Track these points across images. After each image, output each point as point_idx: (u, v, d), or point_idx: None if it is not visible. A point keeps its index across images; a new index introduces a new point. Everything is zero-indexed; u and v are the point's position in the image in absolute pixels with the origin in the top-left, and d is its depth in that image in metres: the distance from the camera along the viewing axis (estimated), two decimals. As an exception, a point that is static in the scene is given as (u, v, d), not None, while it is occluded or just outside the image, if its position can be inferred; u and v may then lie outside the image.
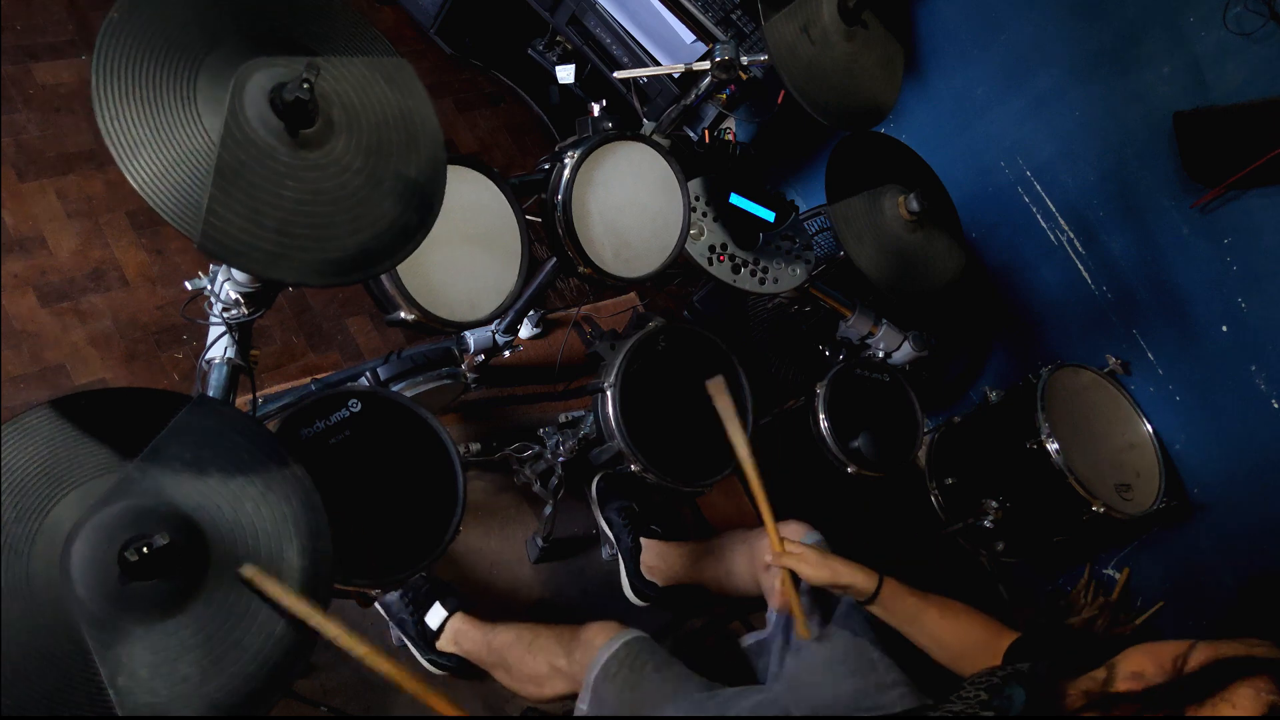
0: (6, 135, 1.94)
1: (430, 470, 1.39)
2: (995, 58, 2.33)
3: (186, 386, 1.89)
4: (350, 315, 2.18)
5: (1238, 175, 1.84)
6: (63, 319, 1.84)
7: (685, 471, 1.67)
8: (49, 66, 2.07)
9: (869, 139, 1.83)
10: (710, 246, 1.78)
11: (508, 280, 1.43)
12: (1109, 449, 2.10)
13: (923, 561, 2.28)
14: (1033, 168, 2.33)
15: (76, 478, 0.87)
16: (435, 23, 2.66)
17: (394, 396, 1.42)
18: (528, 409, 2.13)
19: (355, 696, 1.65)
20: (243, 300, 1.20)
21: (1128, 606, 2.29)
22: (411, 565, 1.32)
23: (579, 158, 1.50)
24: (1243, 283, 1.98)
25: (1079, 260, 2.29)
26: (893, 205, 1.76)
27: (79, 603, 0.82)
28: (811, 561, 1.36)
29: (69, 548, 0.83)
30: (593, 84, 2.60)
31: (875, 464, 1.85)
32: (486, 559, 1.92)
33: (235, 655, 0.87)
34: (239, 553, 0.92)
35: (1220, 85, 1.90)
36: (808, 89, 1.57)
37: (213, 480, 0.93)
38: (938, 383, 2.66)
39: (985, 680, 1.02)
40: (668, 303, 2.67)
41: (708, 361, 1.78)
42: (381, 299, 1.34)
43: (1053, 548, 2.18)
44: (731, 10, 2.40)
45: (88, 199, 1.97)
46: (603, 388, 1.65)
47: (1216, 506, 2.13)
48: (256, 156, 0.96)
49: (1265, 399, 1.98)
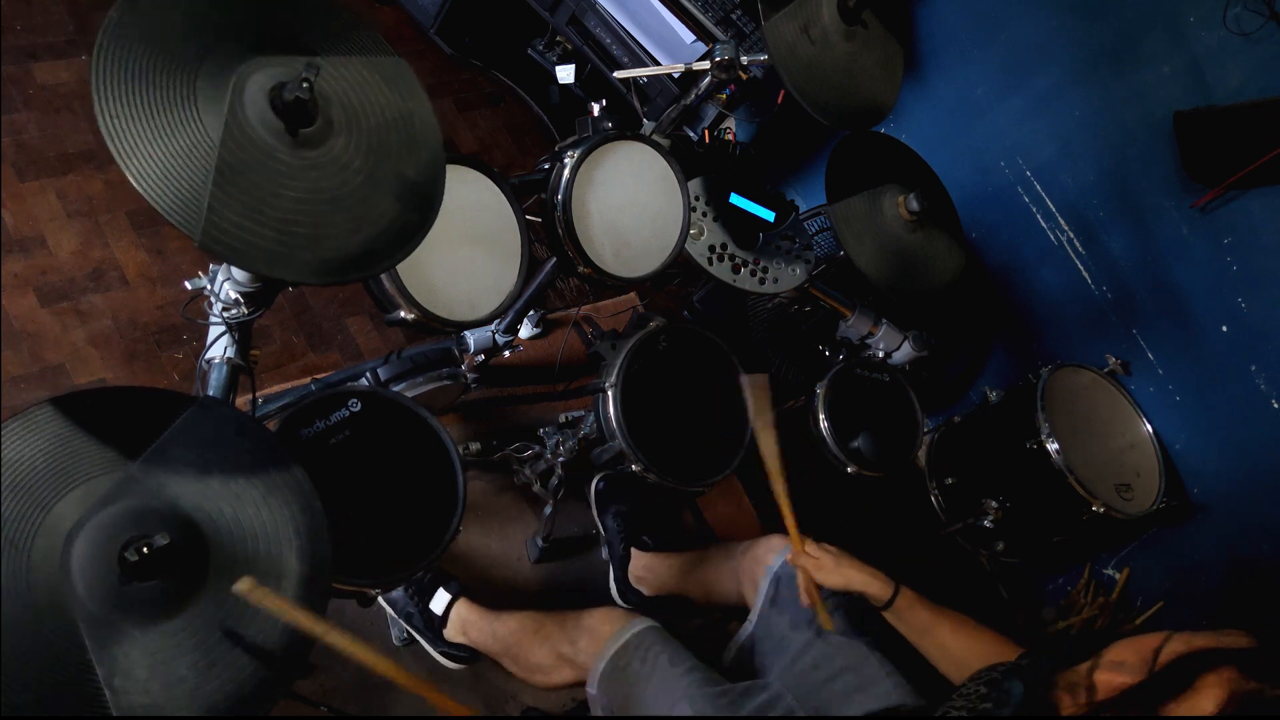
0: (6, 135, 1.94)
1: (430, 470, 1.39)
2: (995, 58, 2.33)
3: (186, 386, 1.89)
4: (350, 315, 2.18)
5: (1238, 175, 1.84)
6: (63, 319, 1.84)
7: (686, 471, 1.67)
8: (49, 66, 2.07)
9: (869, 139, 1.83)
10: (710, 246, 1.78)
11: (508, 280, 1.43)
12: (1109, 449, 2.09)
13: (920, 559, 2.28)
14: (1033, 168, 2.33)
15: (78, 476, 0.87)
16: (435, 23, 2.66)
17: (394, 396, 1.42)
18: (528, 409, 2.13)
19: (355, 696, 1.65)
20: (243, 300, 1.20)
21: (1128, 606, 2.29)
22: (411, 565, 1.32)
23: (579, 158, 1.50)
24: (1243, 283, 1.97)
25: (1079, 260, 2.29)
26: (893, 205, 1.76)
27: (78, 601, 0.82)
28: (827, 567, 1.38)
29: (69, 546, 0.83)
30: (593, 84, 2.60)
31: (875, 464, 1.85)
32: (486, 559, 1.92)
33: (233, 657, 0.87)
34: (239, 554, 0.91)
35: (1220, 85, 1.90)
36: (808, 89, 1.57)
37: (214, 481, 0.93)
38: (938, 383, 2.66)
39: (986, 675, 1.03)
40: (668, 303, 2.67)
41: (708, 361, 1.78)
42: (381, 299, 1.34)
43: (1053, 548, 2.17)
44: (731, 10, 2.40)
45: (88, 199, 1.97)
46: (604, 387, 1.65)
47: (1216, 506, 2.12)
48: (256, 156, 0.96)
49: (1265, 399, 1.98)
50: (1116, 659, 0.88)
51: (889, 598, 1.35)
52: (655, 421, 1.66)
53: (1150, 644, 0.87)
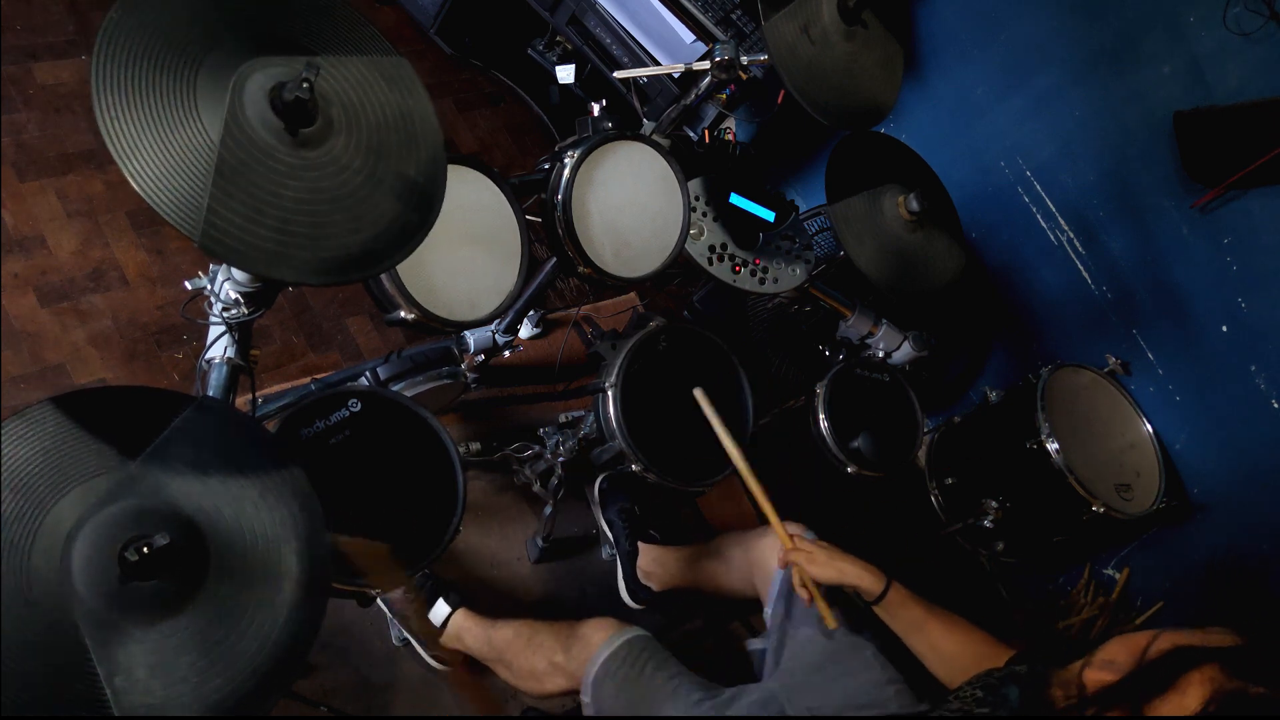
0: (6, 135, 1.94)
1: (430, 470, 1.39)
2: (995, 58, 2.33)
3: (186, 386, 1.89)
4: (350, 315, 2.18)
5: (1238, 175, 1.84)
6: (63, 319, 1.84)
7: (686, 471, 1.67)
8: (49, 66, 2.07)
9: (869, 139, 1.83)
10: (710, 246, 1.78)
11: (508, 280, 1.43)
12: (1109, 449, 2.09)
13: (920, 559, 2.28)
14: (1033, 168, 2.33)
15: (78, 476, 0.87)
16: (435, 23, 2.66)
17: (394, 396, 1.42)
18: (528, 409, 2.13)
19: (355, 696, 1.65)
20: (243, 300, 1.20)
21: (1128, 606, 2.29)
22: (411, 565, 1.32)
23: (579, 158, 1.50)
24: (1243, 283, 1.97)
25: (1079, 260, 2.29)
26: (893, 205, 1.76)
27: (78, 601, 0.82)
28: (819, 560, 1.38)
29: (69, 546, 0.83)
30: (593, 84, 2.60)
31: (875, 464, 1.85)
32: (486, 559, 1.92)
33: (233, 656, 0.87)
34: (239, 554, 0.91)
35: (1220, 85, 1.89)
36: (808, 89, 1.57)
37: (214, 481, 0.93)
38: (938, 383, 2.66)
39: (982, 681, 1.04)
40: (668, 303, 2.67)
41: (708, 361, 1.78)
42: (381, 299, 1.34)
43: (1053, 548, 2.17)
44: (731, 10, 2.40)
45: (88, 199, 1.97)
46: (604, 387, 1.65)
47: (1216, 506, 2.12)
48: (256, 156, 0.96)
49: (1265, 399, 1.98)
50: (1108, 657, 0.89)
51: (881, 591, 1.34)
52: (655, 421, 1.66)
53: (1141, 642, 0.87)
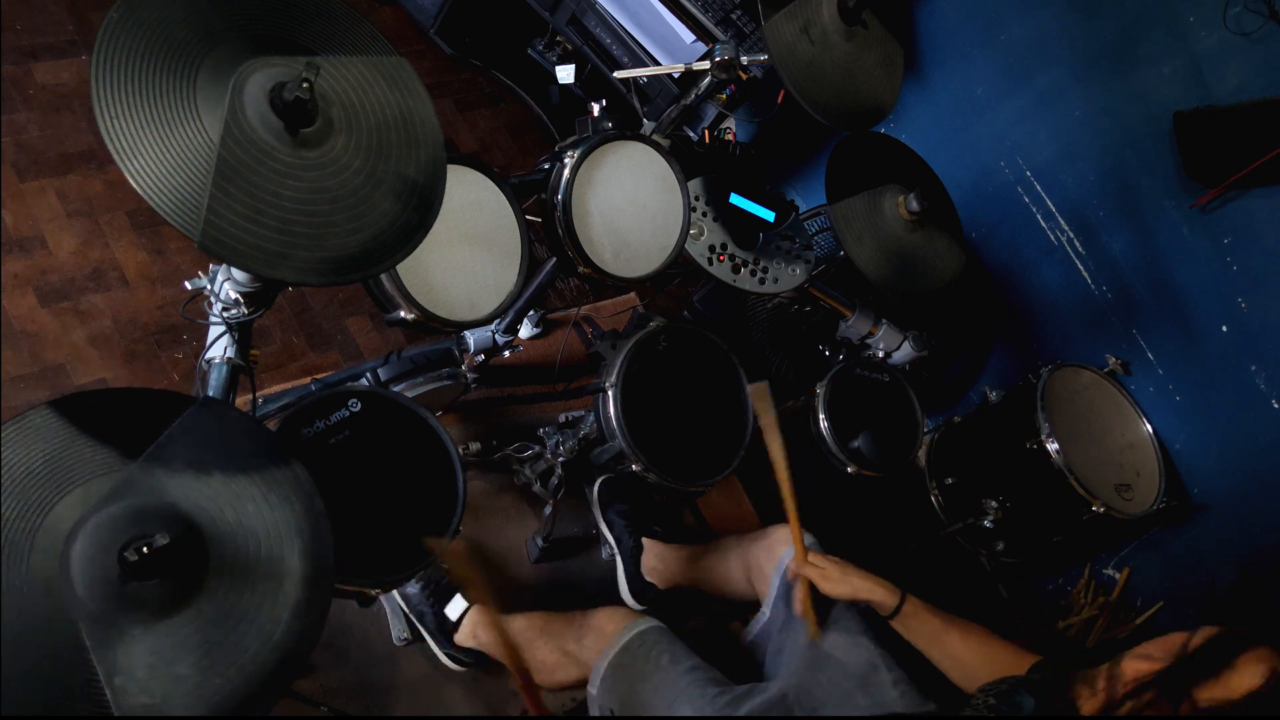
0: (6, 135, 1.94)
1: (430, 470, 1.39)
2: (995, 58, 2.33)
3: (186, 386, 1.89)
4: (350, 315, 2.18)
5: (1238, 175, 1.84)
6: (63, 319, 1.84)
7: (686, 471, 1.66)
8: (49, 66, 2.07)
9: (869, 139, 1.83)
10: (710, 246, 1.78)
11: (508, 280, 1.43)
12: (1109, 449, 2.09)
13: (920, 559, 2.28)
14: (1033, 168, 2.33)
15: (78, 476, 0.87)
16: (435, 23, 2.66)
17: (394, 396, 1.42)
18: (528, 409, 2.13)
19: (355, 696, 1.65)
20: (243, 300, 1.20)
21: (1128, 606, 2.29)
22: (412, 565, 1.32)
23: (579, 158, 1.50)
24: (1243, 283, 1.97)
25: (1079, 260, 2.29)
26: (893, 205, 1.76)
27: (78, 601, 0.82)
28: (833, 577, 1.38)
29: (69, 546, 0.83)
30: (593, 84, 2.60)
31: (875, 464, 1.85)
32: (487, 559, 1.92)
33: (234, 656, 0.87)
34: (239, 554, 0.91)
35: (1220, 85, 1.89)
36: (808, 89, 1.57)
37: (214, 481, 0.93)
38: (938, 383, 2.66)
39: (995, 688, 1.04)
40: (668, 303, 2.67)
41: (708, 361, 1.78)
42: (381, 299, 1.34)
43: (1053, 548, 2.17)
44: (731, 10, 2.40)
45: (88, 199, 1.97)
46: (604, 387, 1.65)
47: (1216, 506, 2.12)
48: (256, 156, 0.96)
49: (1265, 399, 1.98)
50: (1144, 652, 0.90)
51: (895, 605, 1.35)
52: (655, 421, 1.66)
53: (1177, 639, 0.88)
